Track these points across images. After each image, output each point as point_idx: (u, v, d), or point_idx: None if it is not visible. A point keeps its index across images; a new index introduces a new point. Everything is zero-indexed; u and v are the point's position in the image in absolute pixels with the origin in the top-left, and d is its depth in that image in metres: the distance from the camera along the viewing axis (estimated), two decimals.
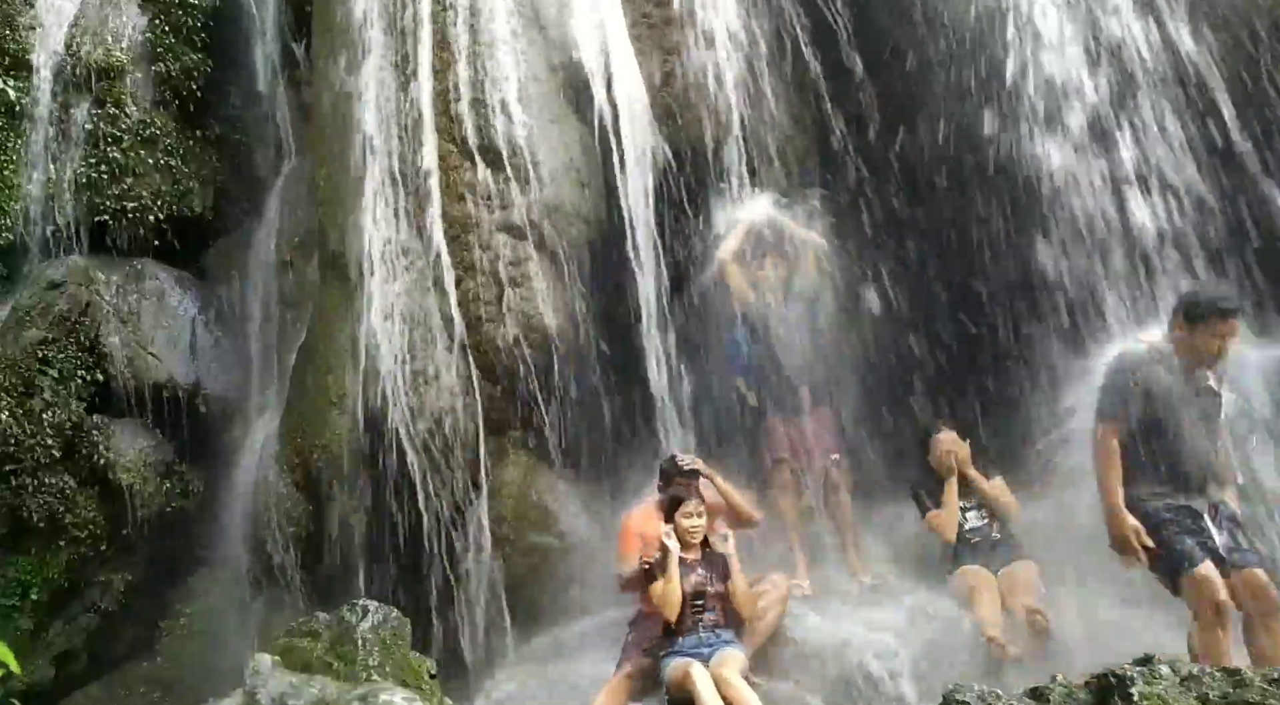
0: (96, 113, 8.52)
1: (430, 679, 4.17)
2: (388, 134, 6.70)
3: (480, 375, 6.28)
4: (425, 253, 6.45)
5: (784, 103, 6.98)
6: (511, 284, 6.34)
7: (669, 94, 6.91)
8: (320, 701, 3.72)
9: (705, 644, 4.74)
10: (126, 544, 7.76)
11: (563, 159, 6.65)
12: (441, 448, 6.18)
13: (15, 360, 7.62)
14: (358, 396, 6.33)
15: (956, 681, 3.27)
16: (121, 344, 7.98)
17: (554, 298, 6.40)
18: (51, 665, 7.54)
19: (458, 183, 6.49)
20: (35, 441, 7.46)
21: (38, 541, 7.56)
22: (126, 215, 8.36)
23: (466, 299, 6.34)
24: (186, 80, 8.80)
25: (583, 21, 6.90)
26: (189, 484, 7.98)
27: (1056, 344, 5.66)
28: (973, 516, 5.72)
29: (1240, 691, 2.83)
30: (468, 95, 6.59)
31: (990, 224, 6.14)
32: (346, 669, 3.98)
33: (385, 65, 6.87)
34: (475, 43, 6.72)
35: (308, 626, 4.29)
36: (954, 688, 3.21)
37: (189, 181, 8.70)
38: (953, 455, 5.78)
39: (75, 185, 8.34)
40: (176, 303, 8.47)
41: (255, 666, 3.95)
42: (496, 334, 6.25)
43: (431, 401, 6.21)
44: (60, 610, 7.68)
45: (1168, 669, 2.95)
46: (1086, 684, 3.01)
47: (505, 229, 6.43)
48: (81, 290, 8.03)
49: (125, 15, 8.87)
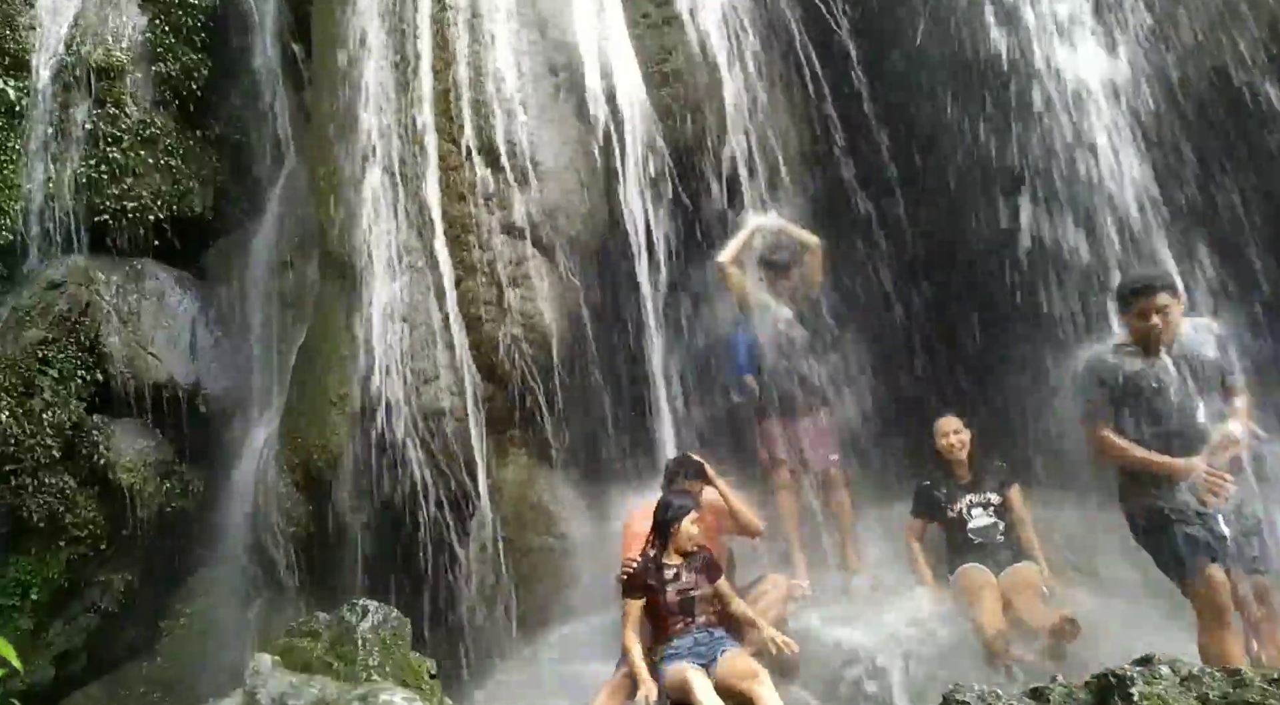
0: (96, 112, 8.52)
1: (430, 679, 4.17)
2: (388, 134, 6.71)
3: (480, 375, 6.29)
4: (425, 253, 6.45)
5: (784, 102, 6.98)
6: (511, 284, 6.34)
7: (669, 94, 6.91)
8: (320, 701, 3.72)
9: (701, 643, 4.73)
10: (126, 544, 7.76)
11: (563, 159, 6.65)
12: (441, 448, 6.18)
13: (15, 360, 7.62)
14: (358, 396, 6.33)
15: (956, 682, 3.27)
16: (121, 344, 7.98)
17: (554, 298, 6.40)
18: (51, 665, 7.55)
19: (458, 183, 6.49)
20: (35, 441, 7.47)
21: (38, 541, 7.56)
22: (126, 215, 8.36)
23: (466, 299, 6.35)
24: (186, 80, 8.80)
25: (583, 22, 6.90)
26: (189, 484, 7.98)
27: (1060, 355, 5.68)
28: (979, 514, 5.69)
29: (1240, 691, 2.83)
30: (468, 95, 6.59)
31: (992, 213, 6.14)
32: (346, 669, 3.98)
33: (385, 65, 6.87)
34: (475, 43, 6.72)
35: (308, 626, 4.29)
36: (954, 688, 3.21)
37: (189, 181, 8.70)
38: (958, 437, 5.76)
39: (75, 185, 8.34)
40: (176, 303, 8.47)
41: (255, 666, 3.95)
42: (496, 334, 6.25)
43: (431, 401, 6.21)
44: (60, 610, 7.68)
45: (1168, 669, 2.95)
46: (1086, 684, 3.01)
47: (505, 229, 6.43)
48: (81, 290, 8.03)
49: (125, 15, 8.87)
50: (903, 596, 5.54)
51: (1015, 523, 5.67)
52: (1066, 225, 5.70)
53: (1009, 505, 5.70)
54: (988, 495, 5.74)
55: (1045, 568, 5.50)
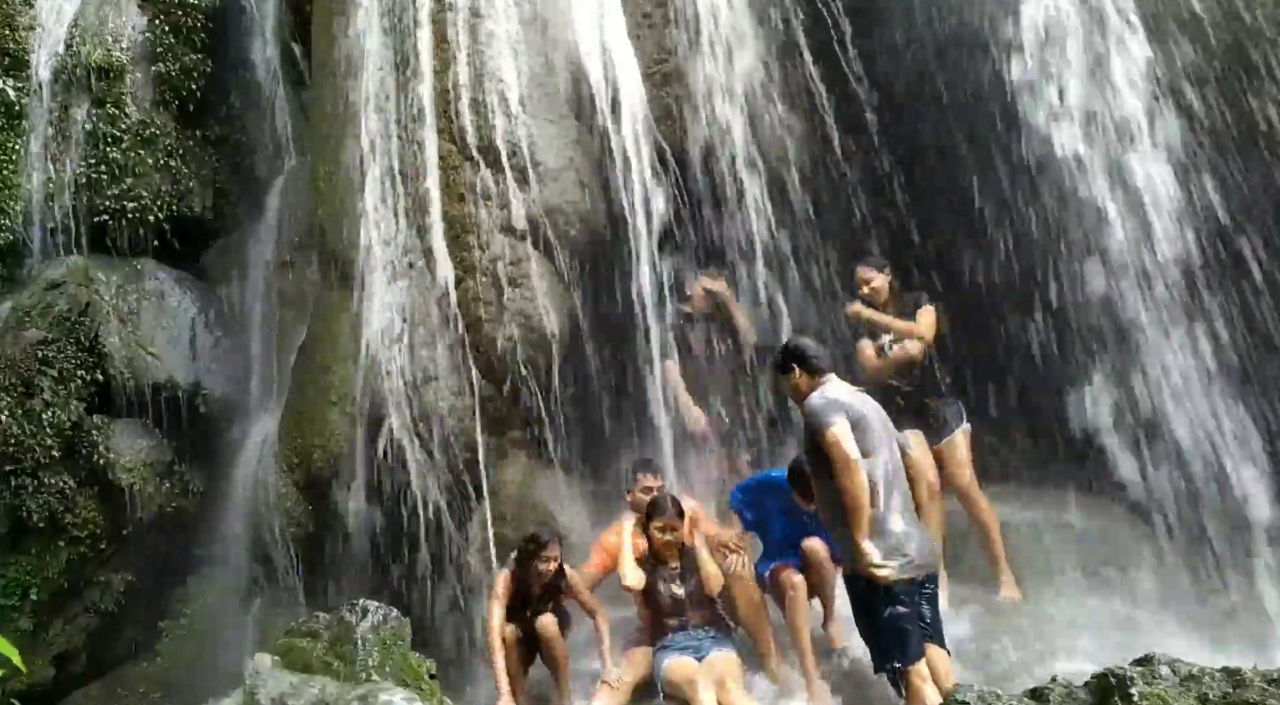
0: (96, 113, 8.51)
1: (430, 679, 4.18)
2: (388, 134, 6.71)
3: (480, 375, 6.29)
4: (425, 253, 6.45)
5: (783, 102, 6.98)
6: (511, 284, 6.34)
7: (669, 94, 6.91)
8: (320, 701, 3.73)
9: (695, 639, 4.93)
10: (126, 544, 7.76)
11: (563, 159, 6.65)
12: (441, 448, 6.18)
13: (15, 360, 7.62)
14: (358, 396, 6.33)
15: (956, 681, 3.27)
16: (121, 344, 7.98)
17: (554, 298, 6.41)
18: (51, 665, 7.54)
19: (458, 183, 6.49)
20: (35, 441, 7.46)
21: (38, 541, 7.56)
22: (126, 215, 8.35)
23: (466, 299, 6.35)
24: (186, 80, 8.79)
25: (583, 22, 6.90)
26: (189, 484, 7.97)
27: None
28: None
29: (1240, 691, 2.82)
30: (468, 95, 6.59)
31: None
32: (346, 669, 3.99)
33: (385, 65, 6.87)
34: (475, 43, 6.72)
35: (308, 626, 4.30)
36: (954, 687, 3.21)
37: (189, 181, 8.69)
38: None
39: (75, 185, 8.34)
40: (176, 303, 8.46)
41: (255, 666, 3.96)
42: (496, 334, 6.26)
43: (431, 401, 6.21)
44: (60, 610, 7.67)
45: (1168, 669, 2.95)
46: (1086, 684, 3.01)
47: (505, 229, 6.43)
48: (81, 290, 8.02)
49: (125, 15, 8.86)
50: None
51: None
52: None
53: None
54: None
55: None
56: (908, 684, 4.01)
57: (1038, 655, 4.88)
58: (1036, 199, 5.83)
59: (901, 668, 4.03)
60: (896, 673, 4.07)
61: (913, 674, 4.00)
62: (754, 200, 6.60)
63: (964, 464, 5.67)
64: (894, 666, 4.06)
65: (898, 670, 4.05)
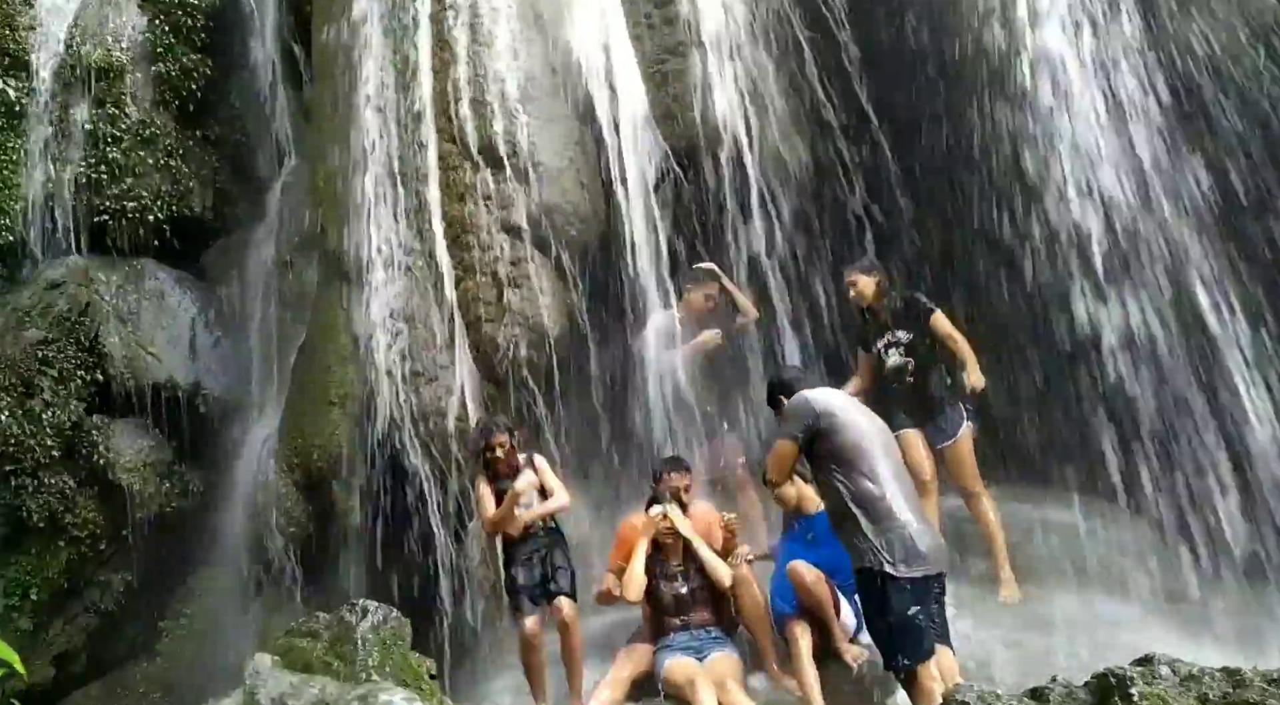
0: (96, 113, 8.51)
1: (430, 679, 4.17)
2: (388, 134, 6.71)
3: (480, 375, 6.29)
4: (425, 253, 6.46)
5: (784, 103, 6.98)
6: (511, 284, 6.35)
7: (669, 94, 6.91)
8: (320, 701, 3.72)
9: (696, 639, 4.94)
10: (126, 544, 7.75)
11: (563, 159, 6.65)
12: (441, 448, 6.18)
13: (15, 360, 7.63)
14: (358, 396, 6.33)
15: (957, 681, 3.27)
16: (121, 344, 7.98)
17: (554, 298, 6.41)
18: (51, 665, 7.55)
19: (458, 183, 6.49)
20: (35, 441, 7.47)
21: (38, 541, 7.57)
22: (126, 215, 8.35)
23: (466, 299, 6.35)
24: (186, 80, 8.79)
25: (583, 22, 6.90)
26: (189, 484, 7.97)
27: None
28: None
29: (1240, 691, 2.82)
30: (468, 95, 6.59)
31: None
32: (346, 669, 3.98)
33: (385, 65, 6.87)
34: (475, 43, 6.72)
35: (308, 626, 4.29)
36: (953, 687, 3.21)
37: (189, 181, 8.69)
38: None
39: (75, 185, 8.34)
40: (176, 303, 8.46)
41: (255, 666, 3.95)
42: (496, 334, 6.26)
43: (431, 401, 6.21)
44: (60, 610, 7.68)
45: (1167, 669, 2.94)
46: (1086, 684, 3.00)
47: (505, 229, 6.44)
48: (81, 290, 8.03)
49: (125, 15, 8.87)
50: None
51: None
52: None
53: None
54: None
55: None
56: (917, 682, 4.00)
57: (1038, 655, 4.88)
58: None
59: (911, 666, 4.02)
60: (906, 671, 4.06)
61: (923, 672, 3.99)
62: (754, 200, 6.60)
63: (969, 465, 5.67)
64: (903, 664, 4.05)
65: (907, 668, 4.04)
